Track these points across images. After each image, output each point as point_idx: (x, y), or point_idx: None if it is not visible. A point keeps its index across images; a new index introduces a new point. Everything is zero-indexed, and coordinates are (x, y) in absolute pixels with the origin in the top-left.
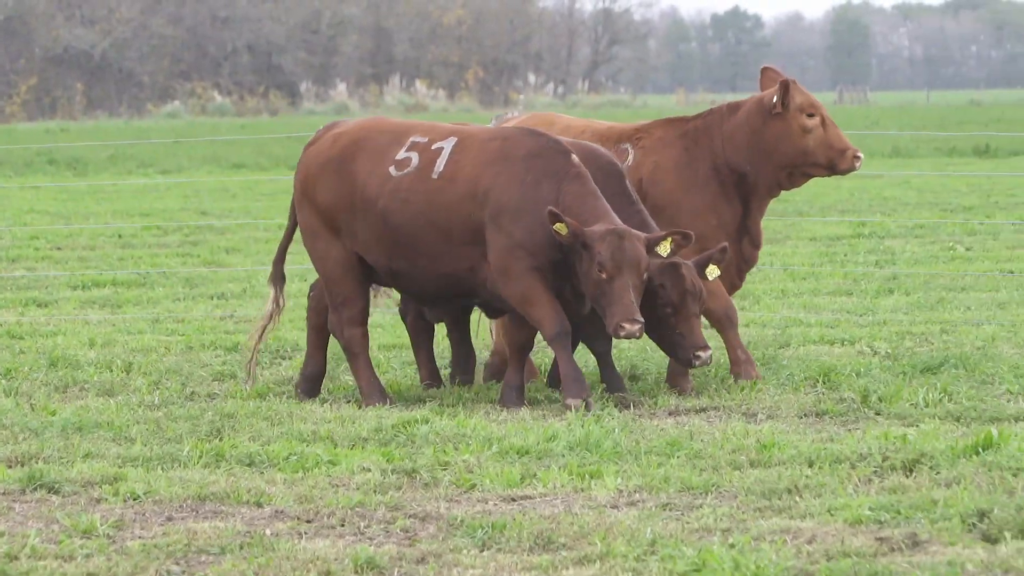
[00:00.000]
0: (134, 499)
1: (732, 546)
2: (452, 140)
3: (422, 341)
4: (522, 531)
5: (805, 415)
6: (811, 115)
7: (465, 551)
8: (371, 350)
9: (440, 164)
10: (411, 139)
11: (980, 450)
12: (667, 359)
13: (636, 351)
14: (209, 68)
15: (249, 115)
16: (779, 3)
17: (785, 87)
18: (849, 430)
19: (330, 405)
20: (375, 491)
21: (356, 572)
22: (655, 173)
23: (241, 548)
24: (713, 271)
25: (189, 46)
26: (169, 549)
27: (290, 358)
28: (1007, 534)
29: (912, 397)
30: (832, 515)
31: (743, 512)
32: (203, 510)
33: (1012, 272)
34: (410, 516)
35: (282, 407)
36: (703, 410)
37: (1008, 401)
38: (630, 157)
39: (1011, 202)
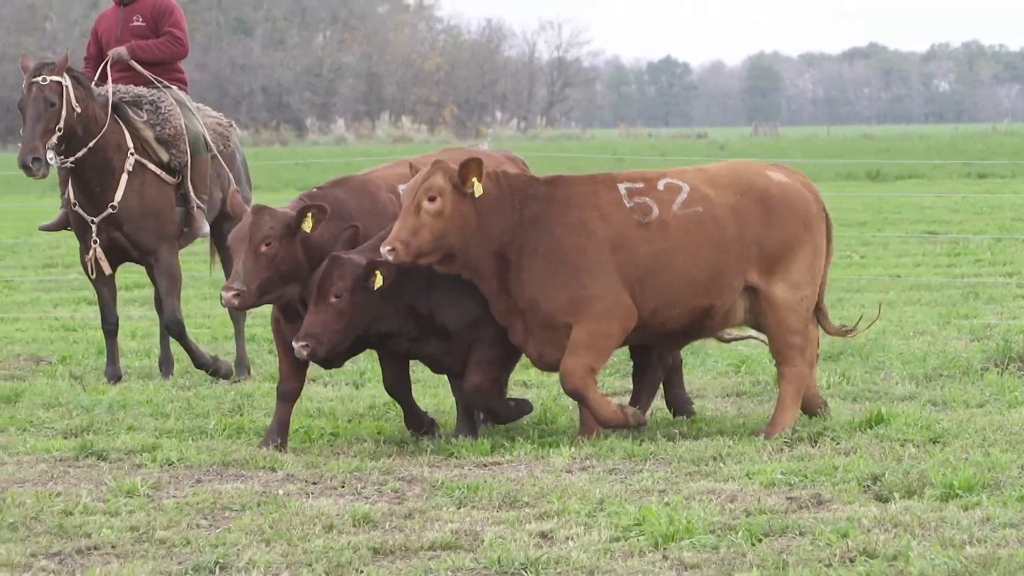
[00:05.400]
0: (169, 465)
1: (667, 504)
2: None
3: None
4: (492, 491)
5: (727, 395)
6: None
7: (445, 508)
8: None
9: None
10: None
11: (873, 424)
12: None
13: None
14: (229, 106)
15: (263, 145)
16: (704, 52)
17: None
18: (764, 408)
19: (331, 387)
20: (370, 458)
21: (354, 526)
22: None
23: (258, 505)
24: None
25: (212, 88)
26: (199, 506)
27: None
28: (896, 494)
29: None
30: (750, 479)
31: (676, 476)
32: (227, 474)
33: (899, 276)
34: (399, 479)
35: None
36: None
37: (896, 384)
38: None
39: (898, 218)
